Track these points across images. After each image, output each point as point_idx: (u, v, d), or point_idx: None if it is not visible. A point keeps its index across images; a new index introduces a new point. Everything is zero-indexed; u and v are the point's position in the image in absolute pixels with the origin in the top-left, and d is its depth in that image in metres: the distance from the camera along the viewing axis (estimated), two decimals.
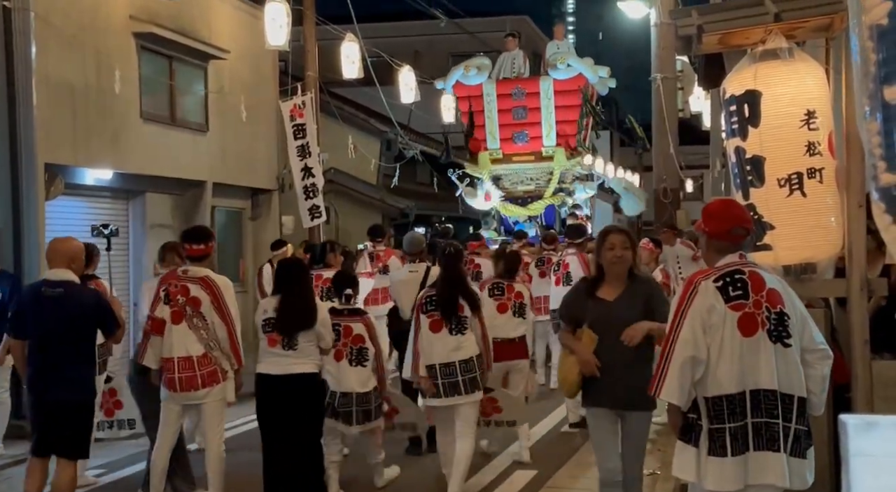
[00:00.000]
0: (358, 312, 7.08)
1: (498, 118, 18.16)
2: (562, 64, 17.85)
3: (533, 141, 18.12)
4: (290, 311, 6.38)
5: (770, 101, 5.34)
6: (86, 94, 12.18)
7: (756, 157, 5.38)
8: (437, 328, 6.65)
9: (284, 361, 6.34)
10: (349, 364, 6.88)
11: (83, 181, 12.55)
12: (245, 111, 15.36)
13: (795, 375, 3.88)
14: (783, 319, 3.90)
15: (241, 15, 16.14)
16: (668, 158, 14.35)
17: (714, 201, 4.41)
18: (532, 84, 18.15)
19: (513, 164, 18.28)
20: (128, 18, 13.07)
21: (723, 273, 3.96)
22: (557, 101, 17.88)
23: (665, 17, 13.32)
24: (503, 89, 18.14)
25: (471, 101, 18.34)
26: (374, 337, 6.97)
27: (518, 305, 8.23)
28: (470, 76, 18.24)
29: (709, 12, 5.58)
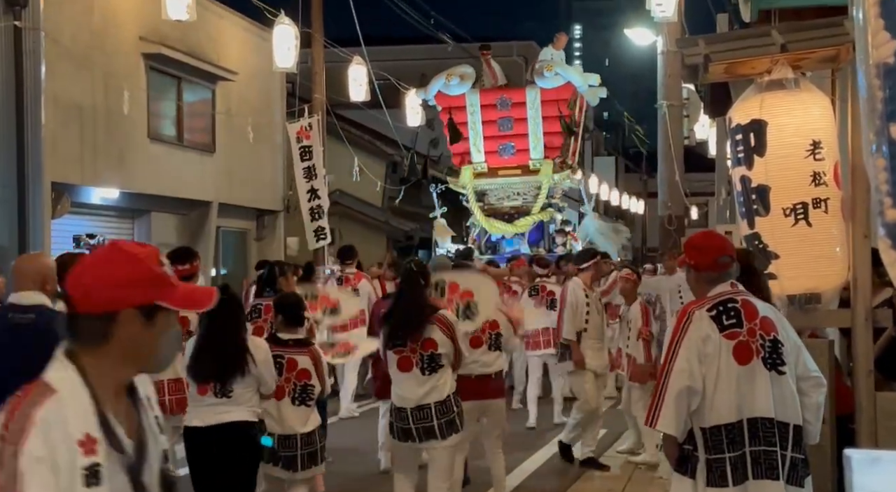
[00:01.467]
0: (304, 343, 6.07)
1: (482, 130, 16.86)
2: (549, 72, 16.55)
3: (519, 153, 16.87)
4: (213, 355, 5.40)
5: (776, 130, 5.34)
6: (94, 114, 12.24)
7: (761, 186, 5.38)
8: (407, 367, 5.80)
9: (215, 411, 5.40)
10: (292, 403, 5.90)
11: (89, 200, 12.59)
12: (252, 132, 15.41)
13: (791, 402, 3.88)
14: (777, 347, 3.90)
15: (250, 37, 16.24)
16: (673, 184, 14.35)
17: (695, 235, 4.45)
18: (518, 93, 16.89)
19: (498, 178, 17.00)
20: (137, 39, 13.15)
21: (716, 302, 3.97)
22: (545, 111, 16.63)
23: (671, 45, 13.36)
24: (487, 99, 16.83)
25: (452, 111, 16.92)
26: (322, 373, 6.04)
27: (494, 336, 7.21)
28: (452, 85, 16.78)
29: (715, 41, 5.60)
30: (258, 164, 16.59)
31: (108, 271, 1.90)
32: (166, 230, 14.48)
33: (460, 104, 16.77)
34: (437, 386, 5.80)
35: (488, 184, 16.94)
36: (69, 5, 11.76)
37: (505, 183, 16.95)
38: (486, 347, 7.13)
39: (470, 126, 16.81)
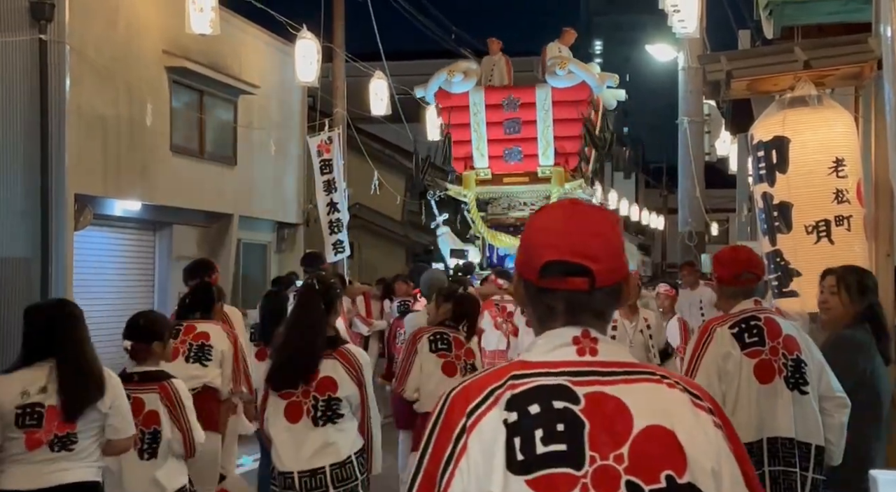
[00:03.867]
0: (156, 377, 4.72)
1: (487, 132, 15.22)
2: (562, 70, 14.78)
3: (527, 159, 15.22)
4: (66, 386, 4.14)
5: (798, 147, 5.34)
6: (117, 126, 12.33)
7: (784, 203, 5.37)
8: (296, 416, 4.50)
9: (47, 469, 4.11)
10: (139, 457, 4.62)
11: (112, 212, 12.67)
12: (273, 146, 15.47)
13: (813, 422, 3.84)
14: (800, 367, 3.85)
15: (272, 51, 16.33)
16: (693, 200, 14.34)
17: (724, 248, 4.42)
18: (527, 93, 15.16)
19: (503, 186, 15.43)
20: (160, 52, 13.25)
21: (738, 320, 3.93)
22: (556, 113, 14.98)
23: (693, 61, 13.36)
24: (493, 99, 15.16)
25: (453, 112, 15.36)
26: (180, 415, 4.68)
27: (469, 366, 6.29)
28: (454, 83, 15.16)
29: (738, 58, 5.60)
30: (279, 177, 16.66)
31: None
32: (188, 243, 14.54)
33: (463, 103, 15.23)
34: (335, 443, 4.48)
35: (492, 192, 15.55)
36: (94, 19, 11.86)
37: (510, 191, 15.49)
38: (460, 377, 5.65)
39: (473, 128, 15.30)
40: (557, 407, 1.58)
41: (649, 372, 1.67)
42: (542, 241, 1.70)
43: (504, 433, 1.57)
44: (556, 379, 1.62)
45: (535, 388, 1.61)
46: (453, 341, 6.41)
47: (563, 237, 1.69)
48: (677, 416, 1.61)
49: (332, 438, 4.47)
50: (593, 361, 1.65)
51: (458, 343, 6.42)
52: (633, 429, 1.58)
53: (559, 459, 1.55)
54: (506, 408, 1.59)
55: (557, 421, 1.57)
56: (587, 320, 1.69)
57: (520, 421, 1.58)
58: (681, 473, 1.57)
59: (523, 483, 1.54)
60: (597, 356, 1.65)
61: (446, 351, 6.38)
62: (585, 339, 1.66)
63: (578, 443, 1.56)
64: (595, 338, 1.67)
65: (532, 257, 1.71)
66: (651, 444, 1.58)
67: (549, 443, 1.56)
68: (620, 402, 1.60)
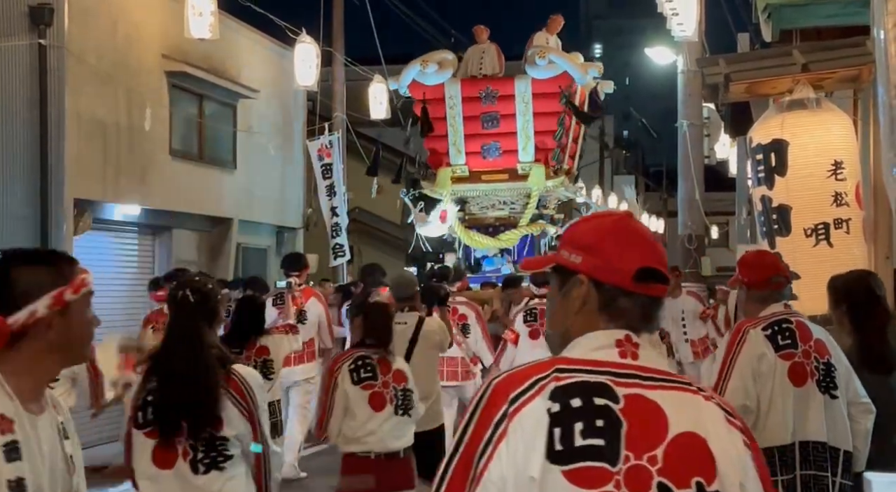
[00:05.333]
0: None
1: (463, 127, 14.22)
2: (542, 59, 13.72)
3: (506, 155, 14.22)
4: None
5: (797, 150, 5.34)
6: (116, 131, 12.33)
7: (783, 206, 5.38)
8: (168, 461, 3.52)
9: None
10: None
11: (111, 217, 12.66)
12: (272, 150, 15.48)
13: (842, 427, 3.81)
14: (830, 371, 3.84)
15: (271, 55, 16.33)
16: (692, 204, 14.34)
17: (748, 252, 4.38)
18: (506, 85, 14.14)
19: (481, 183, 14.36)
20: (160, 57, 13.25)
21: (771, 322, 3.91)
22: (537, 106, 13.98)
23: (692, 64, 13.37)
24: (470, 91, 14.13)
25: (428, 104, 14.34)
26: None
27: (401, 394, 5.31)
28: (428, 74, 14.13)
29: (736, 61, 5.61)
30: (278, 181, 16.66)
31: None
32: (187, 247, 14.54)
33: (438, 96, 14.24)
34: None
35: (469, 190, 14.44)
36: (93, 23, 11.86)
37: (489, 189, 14.35)
38: (392, 409, 5.21)
39: (449, 122, 14.24)
40: (598, 404, 1.64)
41: (686, 383, 1.73)
42: (630, 247, 1.78)
43: (547, 422, 1.63)
44: (598, 377, 1.68)
45: (579, 382, 1.67)
46: (378, 366, 5.28)
47: (648, 246, 1.80)
48: (711, 427, 1.67)
49: (217, 487, 3.52)
50: (634, 364, 1.70)
51: (384, 367, 5.30)
52: (669, 433, 1.64)
53: (596, 453, 1.61)
54: (549, 398, 1.65)
55: (597, 417, 1.63)
56: (636, 325, 1.75)
57: (561, 413, 1.63)
58: (710, 481, 1.62)
59: (560, 473, 1.60)
60: (637, 361, 1.71)
61: (371, 379, 5.23)
62: (628, 343, 1.72)
63: (615, 440, 1.62)
64: (637, 343, 1.73)
65: (621, 261, 1.76)
66: (684, 449, 1.63)
67: (587, 437, 1.61)
68: (658, 406, 1.65)
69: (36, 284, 2.11)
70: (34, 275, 2.12)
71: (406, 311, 6.47)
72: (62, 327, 2.14)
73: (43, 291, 2.10)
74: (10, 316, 2.05)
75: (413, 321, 6.38)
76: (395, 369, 5.34)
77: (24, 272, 2.11)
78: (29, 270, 2.13)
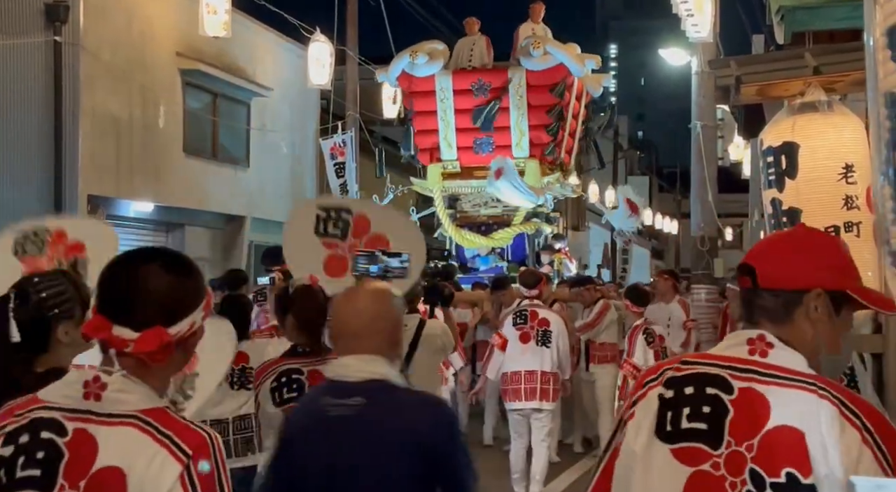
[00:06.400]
0: None
1: (455, 121, 13.54)
2: (537, 50, 13.00)
3: (499, 151, 13.43)
4: None
5: (808, 153, 5.30)
6: (130, 128, 12.40)
7: (792, 209, 5.34)
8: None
9: None
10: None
11: (124, 213, 12.74)
12: (285, 148, 15.52)
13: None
14: (853, 379, 3.89)
15: (285, 53, 16.37)
16: (705, 205, 14.28)
17: None
18: (499, 76, 13.39)
19: (473, 180, 13.63)
20: (174, 55, 13.31)
21: None
22: (531, 98, 13.27)
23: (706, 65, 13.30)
24: (461, 83, 13.44)
25: (418, 98, 13.74)
26: None
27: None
28: (418, 65, 13.41)
29: (747, 63, 5.57)
30: (291, 179, 16.70)
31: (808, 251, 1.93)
32: (200, 244, 14.60)
33: (428, 88, 13.56)
34: None
35: (461, 187, 13.81)
36: (108, 21, 11.93)
37: (481, 186, 13.57)
38: None
39: (440, 116, 13.55)
40: (709, 393, 1.83)
41: (810, 382, 1.82)
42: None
43: (657, 406, 1.86)
44: (718, 370, 1.86)
45: (696, 374, 1.87)
46: (308, 380, 4.06)
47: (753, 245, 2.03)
48: (814, 424, 1.76)
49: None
50: (759, 361, 1.84)
51: (315, 381, 3.89)
52: (767, 425, 1.78)
53: (699, 435, 1.81)
54: (665, 385, 1.88)
55: (704, 404, 1.82)
56: (763, 324, 1.88)
57: (674, 398, 1.86)
58: (805, 474, 1.73)
59: (668, 450, 1.82)
60: (766, 358, 1.84)
61: (297, 400, 3.89)
62: (760, 342, 1.86)
63: (719, 426, 1.80)
64: (770, 343, 1.86)
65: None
66: (778, 441, 1.76)
67: (692, 421, 1.82)
68: (765, 400, 1.80)
69: (193, 292, 1.89)
70: (190, 282, 1.90)
71: (406, 312, 5.60)
72: (195, 343, 1.93)
73: (198, 301, 1.89)
74: (169, 327, 1.81)
75: (413, 323, 5.64)
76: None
77: (179, 279, 1.88)
78: (182, 276, 1.89)
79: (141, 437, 1.75)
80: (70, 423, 1.75)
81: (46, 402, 1.79)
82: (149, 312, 1.80)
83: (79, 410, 1.76)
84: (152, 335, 1.78)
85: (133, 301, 1.81)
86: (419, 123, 13.80)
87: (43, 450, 1.74)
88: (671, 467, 1.81)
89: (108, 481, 1.72)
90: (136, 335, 1.78)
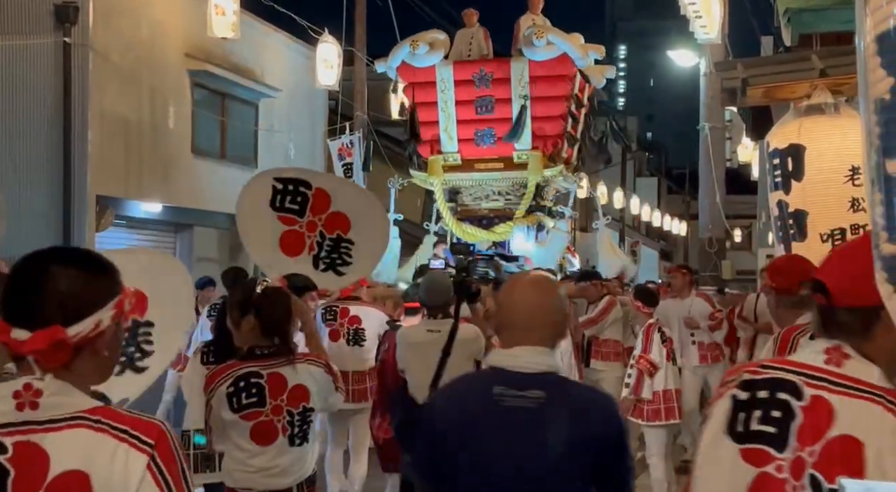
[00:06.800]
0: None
1: (456, 112, 13.20)
2: (540, 40, 12.64)
3: (501, 143, 13.19)
4: None
5: (814, 155, 5.31)
6: (139, 129, 12.44)
7: (799, 211, 5.35)
8: None
9: None
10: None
11: (133, 214, 12.78)
12: (293, 149, 15.55)
13: None
14: None
15: (293, 54, 16.41)
16: (713, 206, 14.26)
17: (779, 257, 4.34)
18: (501, 67, 13.06)
19: (475, 172, 13.34)
20: (183, 56, 13.35)
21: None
22: (535, 90, 12.89)
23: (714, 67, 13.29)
24: (463, 74, 13.11)
25: (418, 89, 13.40)
26: None
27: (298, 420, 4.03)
28: (419, 55, 13.11)
29: (754, 65, 5.58)
30: None
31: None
32: (208, 244, 14.63)
33: (429, 79, 13.23)
34: None
35: (462, 180, 13.44)
36: (118, 22, 11.98)
37: (482, 179, 13.36)
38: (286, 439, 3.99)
39: (440, 107, 13.20)
40: (781, 398, 1.89)
41: (879, 395, 1.86)
42: None
43: (730, 405, 1.93)
44: (793, 376, 1.91)
45: (771, 378, 1.93)
46: (268, 384, 3.91)
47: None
48: (876, 435, 1.81)
49: None
50: (834, 371, 1.89)
51: (275, 384, 3.92)
52: (830, 432, 1.82)
53: (766, 438, 1.87)
54: (739, 386, 1.94)
55: (775, 409, 1.89)
56: (841, 337, 1.92)
57: (748, 400, 1.92)
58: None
59: (737, 450, 1.89)
60: (840, 368, 1.89)
61: (257, 406, 3.92)
62: (836, 352, 1.91)
63: (786, 431, 1.86)
64: (846, 354, 1.90)
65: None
66: (837, 450, 1.81)
67: (762, 424, 1.89)
68: (832, 408, 1.84)
69: (100, 291, 1.79)
70: (96, 280, 1.80)
71: (439, 318, 5.67)
72: (114, 343, 1.84)
73: (106, 300, 1.79)
74: (69, 326, 1.72)
75: (446, 329, 5.30)
76: (293, 386, 3.95)
77: (83, 277, 1.78)
78: (86, 274, 1.79)
79: (95, 435, 1.69)
80: (8, 438, 1.66)
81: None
82: (46, 311, 1.72)
83: (14, 423, 1.67)
84: (44, 335, 1.69)
85: (30, 301, 1.73)
86: (421, 115, 13.43)
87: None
88: (738, 467, 1.89)
89: (70, 486, 1.66)
90: (29, 335, 1.69)
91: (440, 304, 5.68)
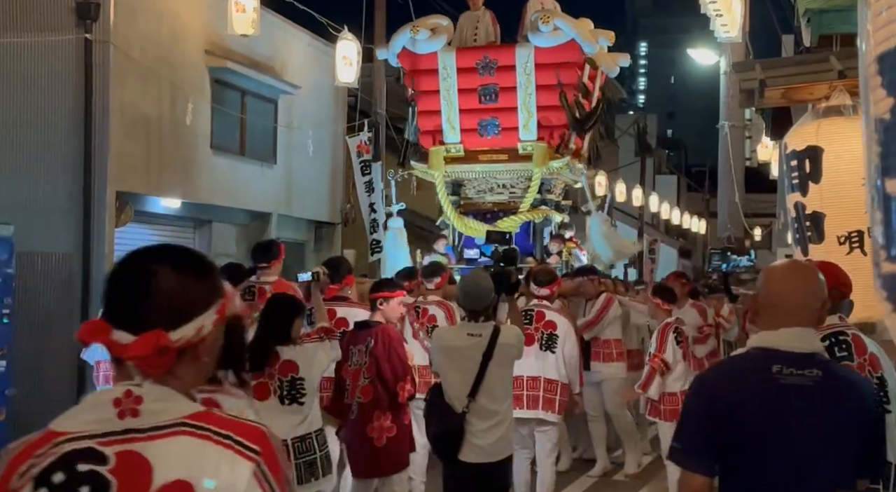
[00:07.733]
0: None
1: (458, 101, 12.60)
2: (546, 25, 12.05)
3: (506, 133, 12.58)
4: None
5: (832, 157, 5.29)
6: (159, 125, 12.50)
7: (816, 213, 5.33)
8: None
9: None
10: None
11: (152, 210, 12.85)
12: (312, 145, 15.58)
13: (892, 444, 3.79)
14: (884, 385, 3.80)
15: (313, 51, 16.44)
16: (732, 205, 14.22)
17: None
18: (506, 54, 12.48)
19: (478, 164, 12.75)
20: (203, 53, 13.40)
21: (828, 333, 3.84)
22: (540, 78, 12.29)
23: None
24: (466, 61, 12.51)
25: (416, 76, 12.86)
26: None
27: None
28: (420, 41, 12.57)
29: (772, 67, 5.56)
30: (317, 177, 16.77)
31: None
32: (226, 241, 14.70)
33: (431, 66, 12.67)
34: None
35: (465, 171, 12.86)
36: (139, 19, 12.04)
37: (486, 171, 12.80)
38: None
39: (443, 95, 12.63)
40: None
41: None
42: None
43: None
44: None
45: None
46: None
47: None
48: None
49: None
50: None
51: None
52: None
53: None
54: None
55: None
56: None
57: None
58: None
59: None
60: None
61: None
62: None
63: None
64: None
65: None
66: None
67: None
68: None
69: (204, 293, 1.72)
70: (201, 282, 1.73)
71: (480, 321, 5.34)
72: (214, 348, 1.76)
73: (210, 303, 1.72)
74: (172, 330, 1.66)
75: (488, 332, 5.25)
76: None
77: (188, 278, 1.71)
78: (191, 275, 1.72)
79: (199, 443, 1.61)
80: (109, 448, 1.60)
81: (70, 432, 1.62)
82: (150, 314, 1.64)
83: (115, 431, 1.61)
84: (148, 339, 1.62)
85: (133, 303, 1.65)
86: (422, 104, 12.95)
87: (86, 484, 1.58)
88: None
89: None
90: (133, 339, 1.62)
91: (481, 309, 5.34)
